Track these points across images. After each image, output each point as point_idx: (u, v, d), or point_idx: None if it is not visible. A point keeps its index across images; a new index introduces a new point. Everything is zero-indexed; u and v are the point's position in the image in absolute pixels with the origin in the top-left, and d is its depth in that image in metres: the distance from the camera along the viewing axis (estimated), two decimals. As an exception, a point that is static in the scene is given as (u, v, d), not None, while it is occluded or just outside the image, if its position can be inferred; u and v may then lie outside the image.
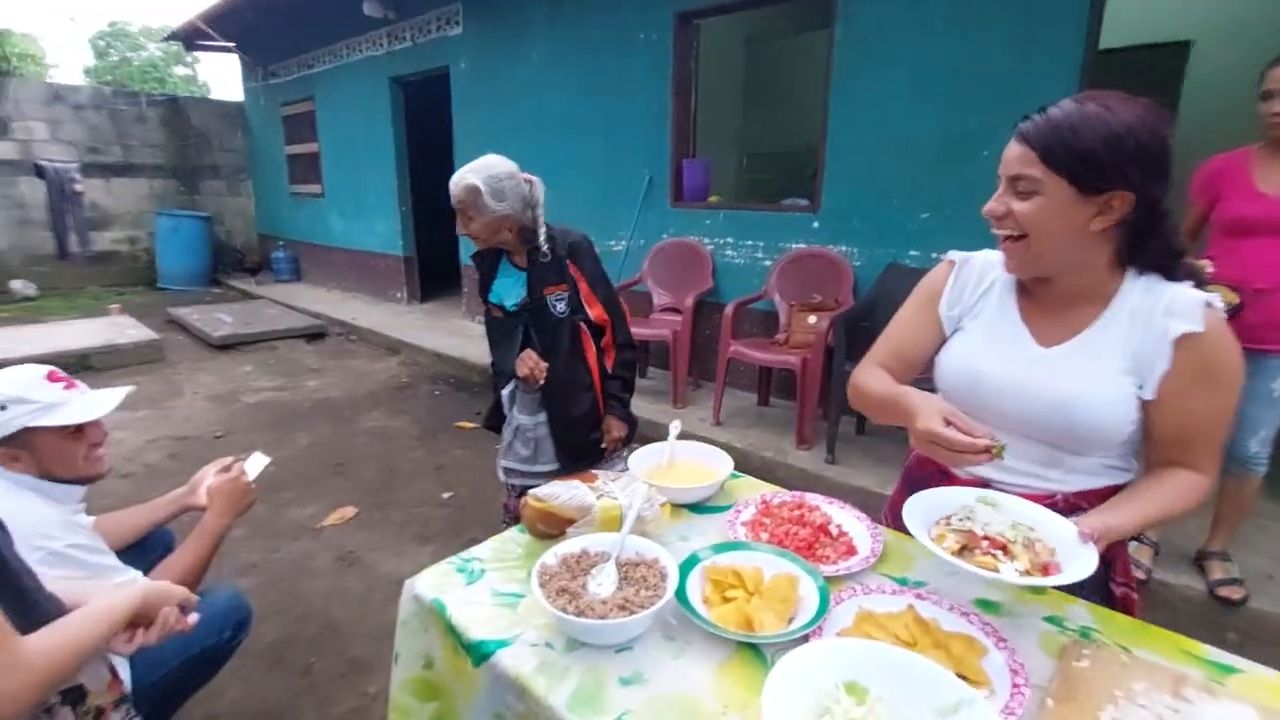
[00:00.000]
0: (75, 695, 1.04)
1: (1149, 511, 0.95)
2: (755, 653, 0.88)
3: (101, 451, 1.39)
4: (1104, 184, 0.89)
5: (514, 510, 2.25)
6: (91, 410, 1.29)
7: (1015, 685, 0.79)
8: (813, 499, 1.24)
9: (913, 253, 3.35)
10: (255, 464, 1.68)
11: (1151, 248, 0.96)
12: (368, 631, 2.22)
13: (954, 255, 1.16)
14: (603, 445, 2.09)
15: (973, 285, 1.13)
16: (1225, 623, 2.17)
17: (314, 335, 6.35)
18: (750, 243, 4.00)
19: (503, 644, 0.91)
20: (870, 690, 0.74)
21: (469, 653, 0.93)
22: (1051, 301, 1.03)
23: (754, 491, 1.30)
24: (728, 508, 1.24)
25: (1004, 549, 0.90)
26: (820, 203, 3.67)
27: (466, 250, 6.12)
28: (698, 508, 1.27)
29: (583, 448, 2.09)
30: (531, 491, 1.12)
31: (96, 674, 1.07)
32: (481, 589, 1.03)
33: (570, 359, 2.00)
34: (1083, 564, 0.85)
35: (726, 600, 0.95)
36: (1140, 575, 2.25)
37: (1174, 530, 2.41)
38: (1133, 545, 2.34)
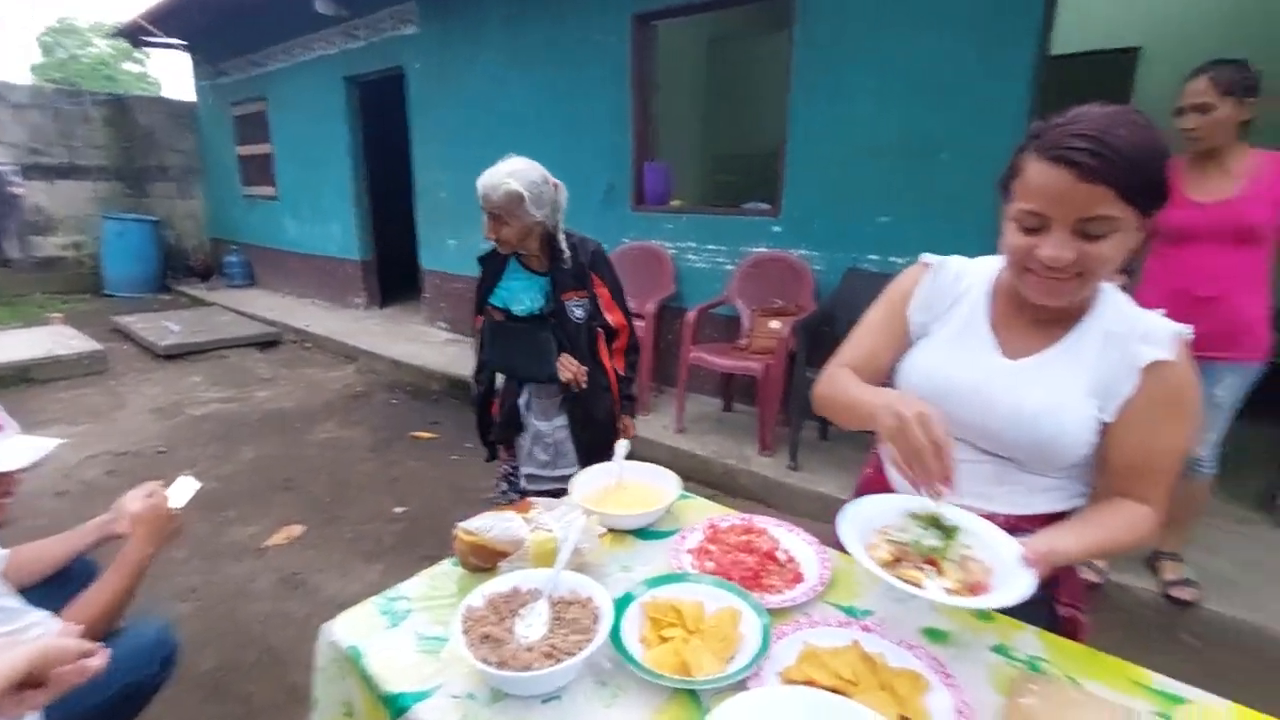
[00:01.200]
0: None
1: (1099, 538, 0.91)
2: (692, 698, 0.82)
3: (7, 501, 1.28)
4: (1160, 202, 0.85)
5: None
6: (12, 460, 1.18)
7: (961, 728, 0.75)
8: (761, 522, 1.19)
9: (872, 257, 3.35)
10: (182, 489, 1.58)
11: (1137, 259, 0.95)
12: (307, 659, 2.08)
13: (928, 258, 1.12)
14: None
15: (945, 292, 1.09)
16: (1179, 624, 2.19)
17: (267, 343, 6.14)
18: (712, 247, 3.97)
19: (421, 696, 0.84)
20: (808, 743, 0.69)
21: (387, 705, 0.86)
22: (1026, 314, 1.00)
23: (701, 515, 1.25)
24: (674, 532, 1.19)
25: (934, 564, 0.87)
26: (781, 206, 3.65)
27: (429, 254, 5.99)
28: (643, 533, 1.21)
29: (603, 447, 2.07)
30: (461, 524, 1.05)
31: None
32: (405, 633, 0.96)
33: (589, 363, 2.02)
34: (1016, 588, 0.81)
35: (664, 640, 0.89)
36: (1095, 578, 2.27)
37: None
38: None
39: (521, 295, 1.99)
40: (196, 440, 3.91)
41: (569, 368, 1.94)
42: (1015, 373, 0.98)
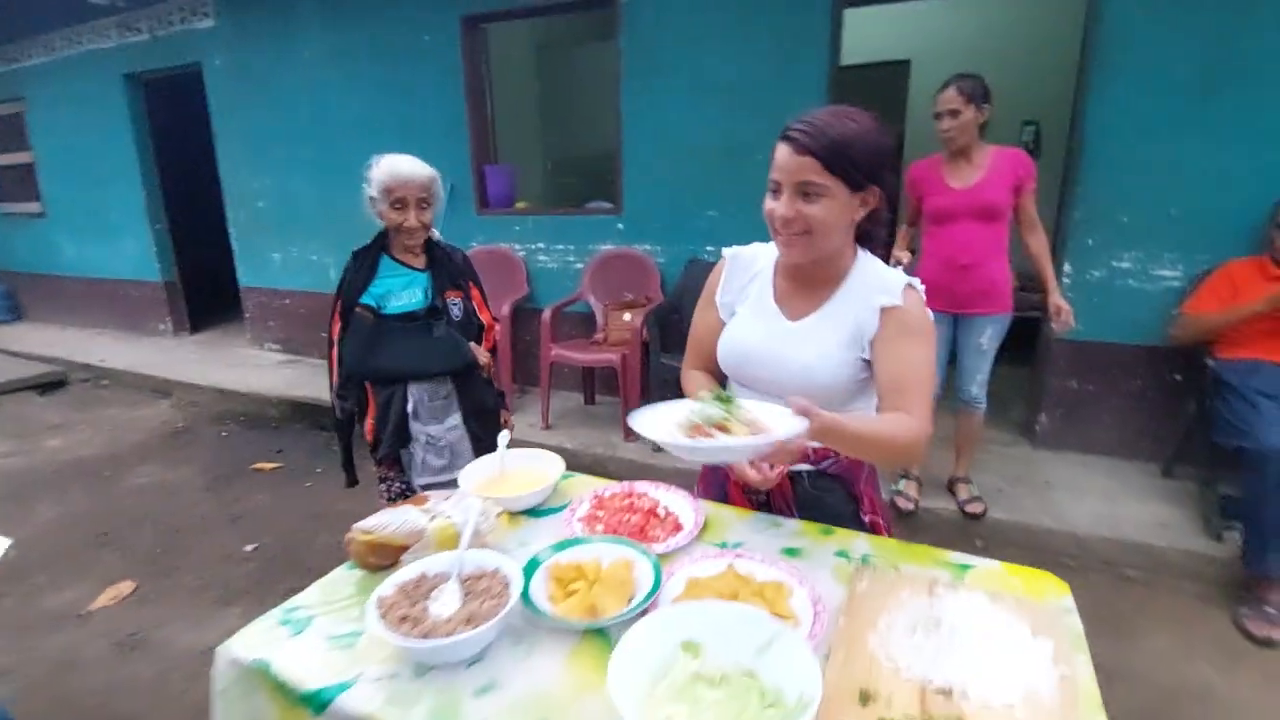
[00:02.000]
0: None
1: (862, 428, 1.05)
2: (602, 636, 0.94)
3: None
4: (868, 180, 1.07)
5: None
6: None
7: (816, 614, 0.93)
8: (641, 487, 1.33)
9: (709, 248, 3.65)
10: None
11: (875, 233, 1.20)
12: (172, 717, 1.93)
13: (726, 251, 1.33)
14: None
15: (741, 274, 1.29)
16: (973, 532, 2.69)
17: (49, 385, 5.27)
18: (561, 246, 4.07)
19: (343, 687, 0.86)
20: (702, 644, 0.84)
21: (307, 704, 0.87)
22: (801, 282, 1.21)
23: (586, 488, 1.36)
24: (563, 508, 1.29)
25: (723, 429, 1.01)
26: (622, 205, 3.85)
27: (249, 271, 5.47)
28: (534, 512, 1.30)
29: (491, 439, 2.04)
30: (357, 525, 1.07)
31: None
32: (312, 637, 0.97)
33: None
34: (792, 427, 0.97)
35: (570, 594, 0.99)
36: (909, 506, 2.70)
37: (931, 466, 2.92)
38: (901, 482, 2.80)
39: (400, 292, 1.92)
40: (-27, 504, 3.30)
41: (482, 353, 1.97)
42: (793, 333, 1.19)
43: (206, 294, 6.50)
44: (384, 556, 1.08)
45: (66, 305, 6.91)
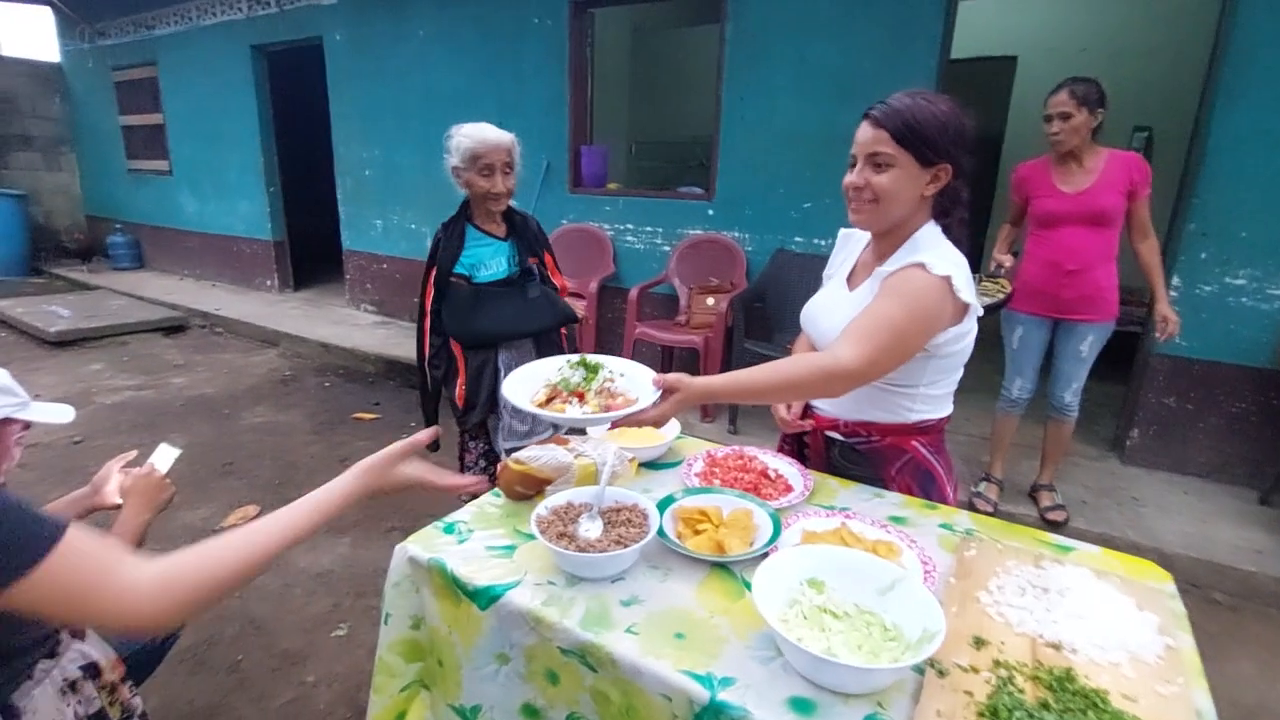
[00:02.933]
0: (92, 670, 1.07)
1: (744, 377, 1.13)
2: (727, 571, 1.05)
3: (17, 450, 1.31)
4: (936, 158, 1.14)
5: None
6: (55, 414, 1.24)
7: (926, 571, 1.02)
8: (750, 450, 1.43)
9: (797, 239, 3.69)
10: (164, 456, 1.60)
11: (953, 212, 1.23)
12: (294, 625, 2.17)
13: (841, 231, 1.44)
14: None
15: (843, 250, 1.42)
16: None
17: (173, 328, 5.78)
18: (649, 229, 4.19)
19: (510, 586, 1.01)
20: (826, 582, 0.94)
21: (475, 599, 1.02)
22: (876, 256, 1.27)
23: (699, 448, 1.47)
24: (679, 463, 1.40)
25: (580, 397, 1.13)
26: (715, 191, 3.92)
27: (353, 235, 5.83)
28: (653, 465, 1.42)
29: None
30: (511, 455, 1.22)
31: (105, 652, 1.12)
32: (474, 546, 1.12)
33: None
34: (640, 403, 1.11)
35: (698, 533, 1.11)
36: (989, 508, 2.71)
37: (1013, 472, 2.90)
38: (981, 485, 2.80)
39: (489, 260, 1.99)
40: (116, 429, 3.71)
41: (579, 306, 2.06)
42: (846, 298, 1.29)
43: (308, 255, 6.96)
44: (529, 486, 1.22)
45: (184, 257, 7.53)
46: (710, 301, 3.68)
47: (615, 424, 1.13)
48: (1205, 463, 2.97)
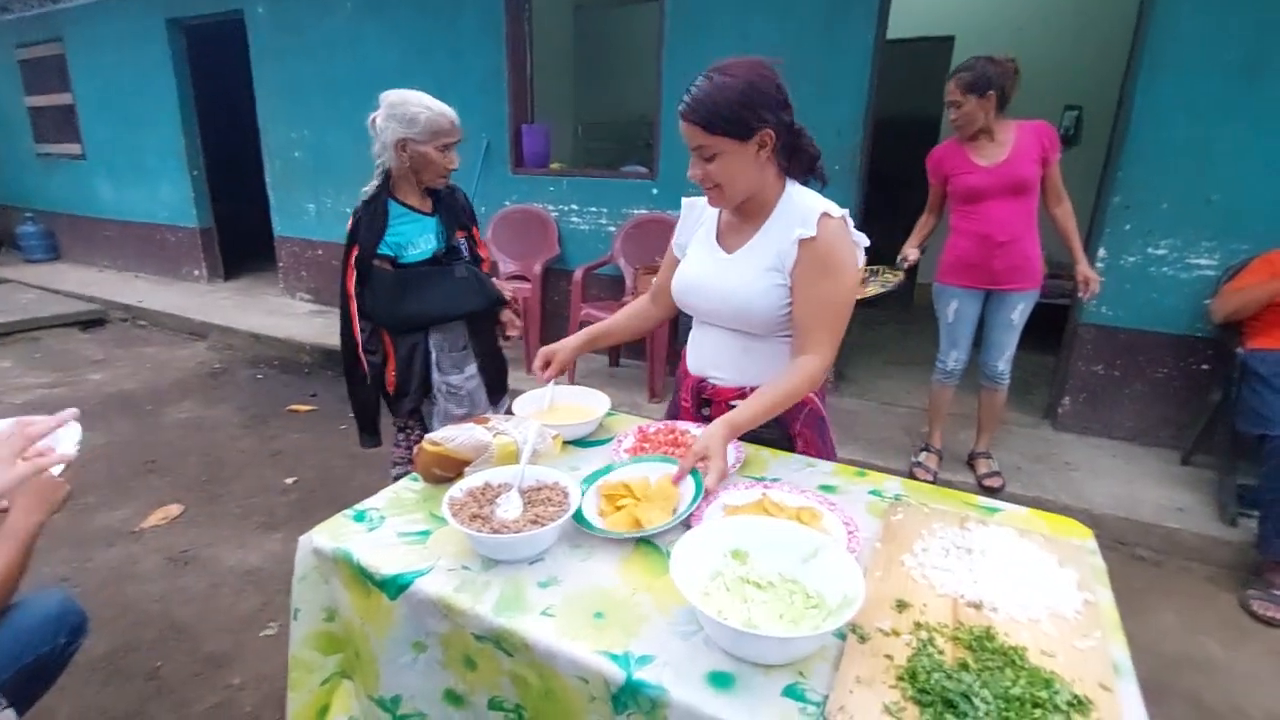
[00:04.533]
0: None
1: (763, 403, 1.20)
2: (653, 547, 1.01)
3: None
4: (751, 130, 1.16)
5: None
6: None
7: (850, 534, 1.00)
8: (683, 425, 1.39)
9: (741, 217, 3.66)
10: (69, 436, 1.42)
11: (800, 159, 1.27)
12: (220, 626, 2.06)
13: (684, 200, 1.45)
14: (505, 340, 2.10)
15: (693, 219, 1.43)
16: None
17: (90, 322, 5.44)
18: (594, 209, 4.11)
19: (420, 573, 0.95)
20: (750, 553, 0.91)
21: (384, 588, 0.96)
22: (739, 219, 1.32)
23: (631, 424, 1.43)
24: (609, 441, 1.36)
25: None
26: (658, 170, 3.87)
27: (284, 221, 5.56)
28: (582, 442, 1.37)
29: (500, 383, 2.12)
30: (427, 436, 1.15)
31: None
32: (385, 533, 1.06)
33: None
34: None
35: (618, 509, 1.07)
36: (928, 477, 2.76)
37: (952, 442, 2.97)
38: (921, 455, 2.85)
39: (416, 239, 1.86)
40: (24, 429, 3.45)
41: (506, 287, 1.97)
42: (728, 263, 1.31)
43: (240, 242, 6.62)
44: (448, 468, 1.16)
45: (103, 247, 7.08)
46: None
47: (677, 478, 1.12)
48: (1132, 427, 3.10)
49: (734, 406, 1.33)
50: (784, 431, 1.37)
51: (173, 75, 5.76)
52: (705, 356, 1.40)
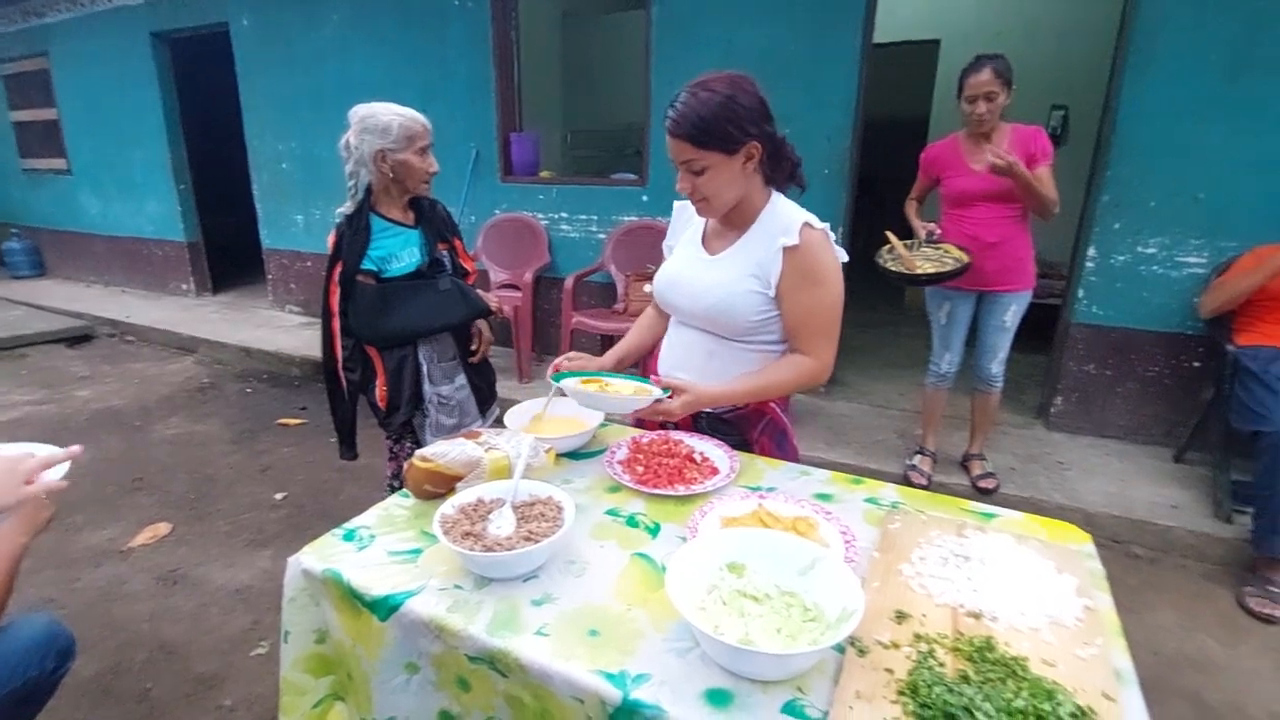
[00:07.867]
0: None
1: (746, 385, 1.28)
2: (649, 562, 1.00)
3: None
4: (738, 141, 1.19)
5: None
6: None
7: (847, 543, 0.99)
8: (677, 435, 1.38)
9: (732, 222, 3.66)
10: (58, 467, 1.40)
11: (782, 167, 1.29)
12: (210, 646, 2.02)
13: (676, 204, 1.47)
14: (475, 350, 2.05)
15: (682, 222, 1.49)
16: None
17: (77, 338, 5.38)
18: (584, 217, 4.10)
19: (410, 594, 0.93)
20: (747, 565, 0.90)
21: (374, 610, 0.94)
22: (724, 225, 1.36)
23: (625, 435, 1.42)
24: (602, 452, 1.34)
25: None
26: (648, 177, 3.86)
27: (272, 233, 5.53)
28: (575, 454, 1.36)
29: (489, 394, 2.11)
30: (417, 453, 1.13)
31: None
32: (375, 552, 1.04)
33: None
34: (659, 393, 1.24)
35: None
36: (923, 481, 2.75)
37: (946, 444, 2.96)
38: (915, 458, 2.85)
39: (400, 252, 1.84)
40: (10, 448, 3.40)
41: (491, 299, 1.96)
42: (710, 265, 1.35)
43: (228, 255, 6.57)
44: (439, 484, 1.14)
45: (90, 262, 7.02)
46: (647, 288, 3.61)
47: (635, 413, 1.25)
48: (1124, 425, 3.10)
49: (696, 418, 1.39)
50: (742, 438, 1.39)
51: (158, 89, 5.73)
52: (673, 358, 1.44)
